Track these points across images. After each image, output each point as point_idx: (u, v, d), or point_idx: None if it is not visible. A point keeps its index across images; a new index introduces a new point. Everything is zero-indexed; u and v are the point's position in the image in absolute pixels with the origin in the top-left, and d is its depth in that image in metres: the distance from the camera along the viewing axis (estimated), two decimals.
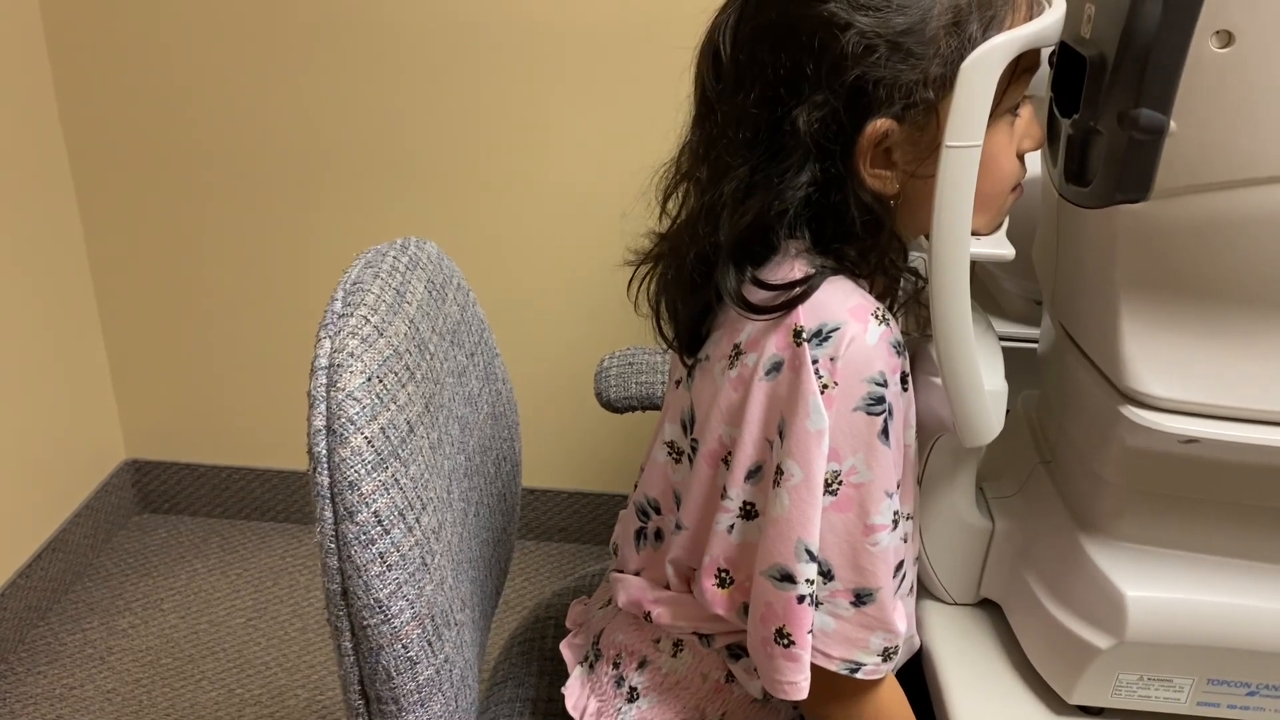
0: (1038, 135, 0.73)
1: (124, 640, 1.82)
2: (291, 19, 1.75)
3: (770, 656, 0.71)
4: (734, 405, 0.72)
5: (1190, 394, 0.67)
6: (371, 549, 0.66)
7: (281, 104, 1.81)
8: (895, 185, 0.69)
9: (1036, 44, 0.65)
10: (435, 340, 0.83)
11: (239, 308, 1.97)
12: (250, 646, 1.81)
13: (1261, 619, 0.72)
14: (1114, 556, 0.75)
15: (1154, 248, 0.65)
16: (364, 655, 0.69)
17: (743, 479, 0.72)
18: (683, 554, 0.79)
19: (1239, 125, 0.59)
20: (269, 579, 1.98)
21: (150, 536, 2.09)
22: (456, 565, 0.80)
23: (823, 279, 0.69)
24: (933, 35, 0.64)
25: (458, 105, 1.79)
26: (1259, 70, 0.57)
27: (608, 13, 1.71)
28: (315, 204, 1.88)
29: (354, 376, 0.68)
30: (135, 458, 2.12)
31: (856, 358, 0.67)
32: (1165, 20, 0.58)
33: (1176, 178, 0.62)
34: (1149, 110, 0.60)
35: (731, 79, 0.69)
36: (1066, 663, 0.76)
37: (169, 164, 1.86)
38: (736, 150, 0.68)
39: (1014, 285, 1.09)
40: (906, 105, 0.65)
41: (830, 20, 0.64)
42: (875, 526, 0.69)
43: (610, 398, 1.22)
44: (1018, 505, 0.85)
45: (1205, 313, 0.66)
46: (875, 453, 0.68)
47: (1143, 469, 0.73)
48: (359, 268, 0.79)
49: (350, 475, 0.66)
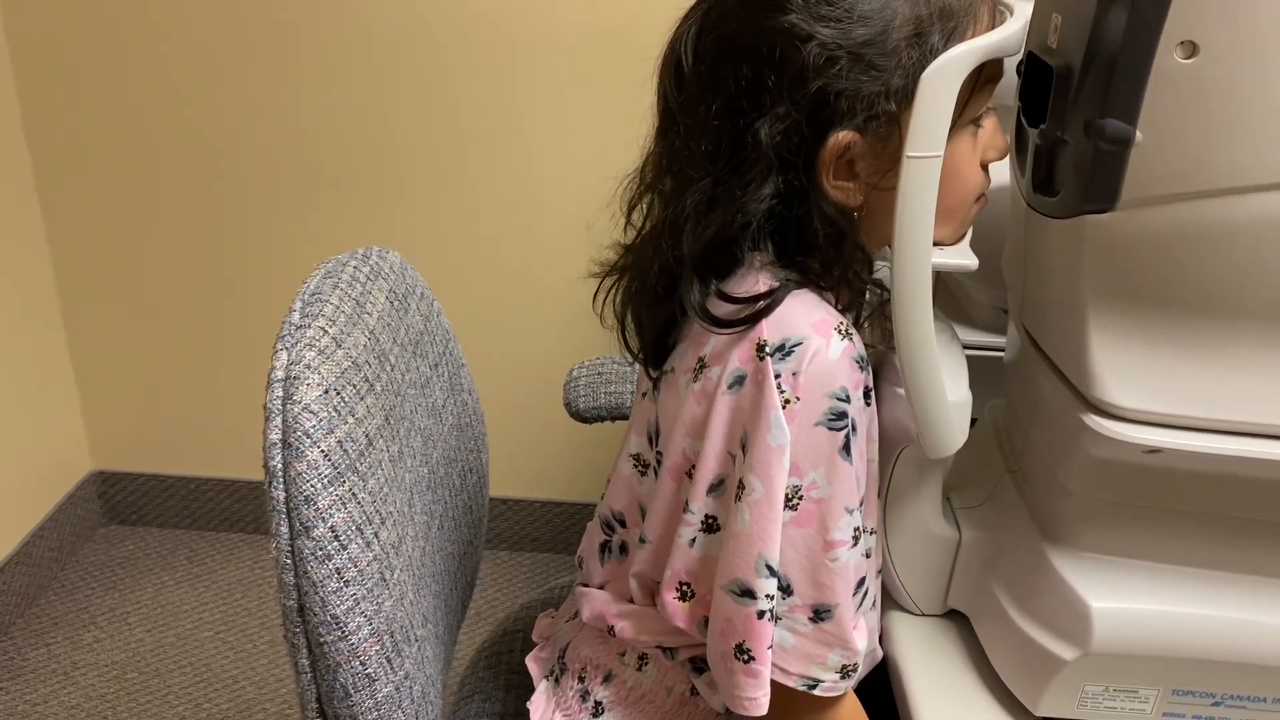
0: (1002, 146, 0.73)
1: (89, 655, 1.79)
2: (259, 30, 1.74)
3: (730, 672, 0.71)
4: (697, 419, 0.71)
5: (1156, 404, 0.67)
6: (328, 564, 0.65)
7: (248, 115, 1.79)
8: (858, 197, 0.69)
9: (997, 54, 0.65)
10: (396, 351, 0.82)
11: (205, 316, 1.95)
12: (218, 660, 1.79)
13: (1226, 629, 0.72)
14: (1079, 567, 0.75)
15: (1120, 258, 0.65)
16: (321, 673, 0.68)
17: (705, 492, 0.71)
18: (647, 568, 0.78)
19: (1204, 136, 0.59)
20: (238, 591, 1.96)
21: (117, 549, 2.06)
22: (418, 580, 0.79)
23: (787, 292, 0.69)
24: (894, 47, 0.64)
25: (427, 115, 1.78)
26: (1223, 81, 0.57)
27: (579, 23, 1.70)
28: (283, 214, 1.87)
29: (311, 389, 0.67)
30: (101, 469, 2.09)
31: (819, 373, 0.66)
32: (1130, 31, 0.58)
33: (1143, 188, 0.62)
34: (1115, 120, 0.60)
35: (693, 90, 0.69)
36: (1032, 674, 0.75)
37: (134, 174, 1.85)
38: (699, 162, 0.68)
39: (982, 294, 1.10)
40: (869, 117, 0.64)
41: (791, 32, 0.63)
42: (835, 542, 0.68)
43: (579, 408, 1.22)
44: (985, 515, 0.85)
45: (1171, 323, 0.66)
46: (836, 468, 0.67)
47: (1107, 479, 0.73)
48: (318, 278, 0.78)
49: (306, 490, 0.65)
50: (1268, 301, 0.63)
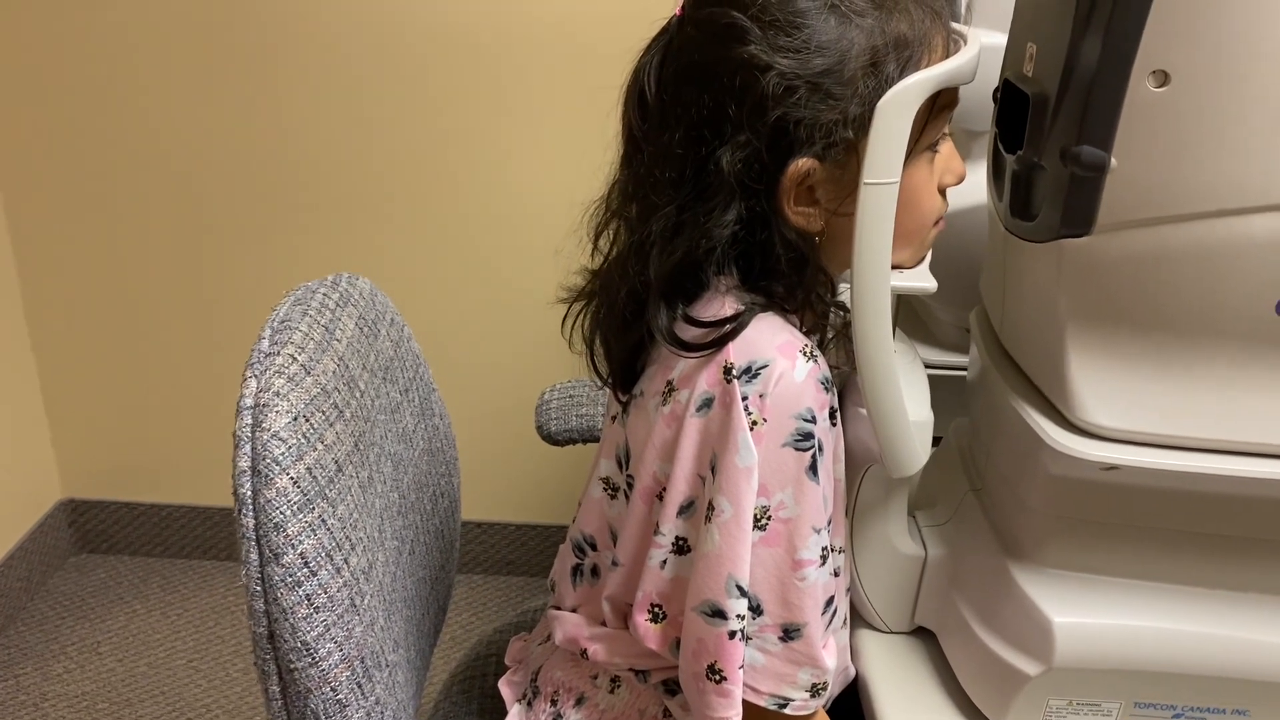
0: (959, 170, 0.74)
1: (59, 686, 1.77)
2: (230, 56, 1.74)
3: (702, 692, 0.71)
4: (667, 441, 0.72)
5: (1133, 423, 0.69)
6: (298, 591, 0.65)
7: (219, 141, 1.79)
8: (819, 222, 0.70)
9: (951, 82, 0.66)
10: (366, 377, 0.82)
11: (176, 343, 1.94)
12: (191, 689, 1.77)
13: (1186, 642, 0.73)
14: (1042, 583, 0.76)
15: (1097, 280, 0.67)
16: (292, 699, 0.68)
17: (675, 514, 0.72)
18: (619, 591, 0.79)
19: (1177, 162, 0.61)
20: (210, 619, 1.94)
21: (87, 577, 2.04)
22: (389, 605, 0.79)
23: (752, 315, 0.70)
24: (851, 76, 0.65)
25: (399, 142, 1.79)
26: (1193, 109, 0.59)
27: (547, 47, 1.72)
28: (254, 241, 1.86)
29: (280, 416, 0.67)
30: (72, 497, 2.07)
31: (785, 394, 0.67)
32: (1104, 61, 0.60)
33: (1118, 213, 0.63)
34: (1090, 147, 0.62)
35: (657, 119, 0.70)
36: (998, 689, 0.77)
37: (103, 200, 1.84)
38: (663, 189, 0.69)
39: (946, 314, 1.11)
40: (827, 144, 0.66)
41: (751, 62, 0.65)
42: (803, 561, 0.69)
43: (551, 430, 1.22)
44: (950, 533, 0.86)
45: (1147, 343, 0.67)
46: (804, 488, 0.68)
47: (1067, 496, 0.74)
48: (287, 305, 0.78)
49: (276, 517, 0.65)
50: (1238, 322, 0.64)
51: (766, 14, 0.65)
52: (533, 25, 1.71)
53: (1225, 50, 0.58)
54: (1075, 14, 0.61)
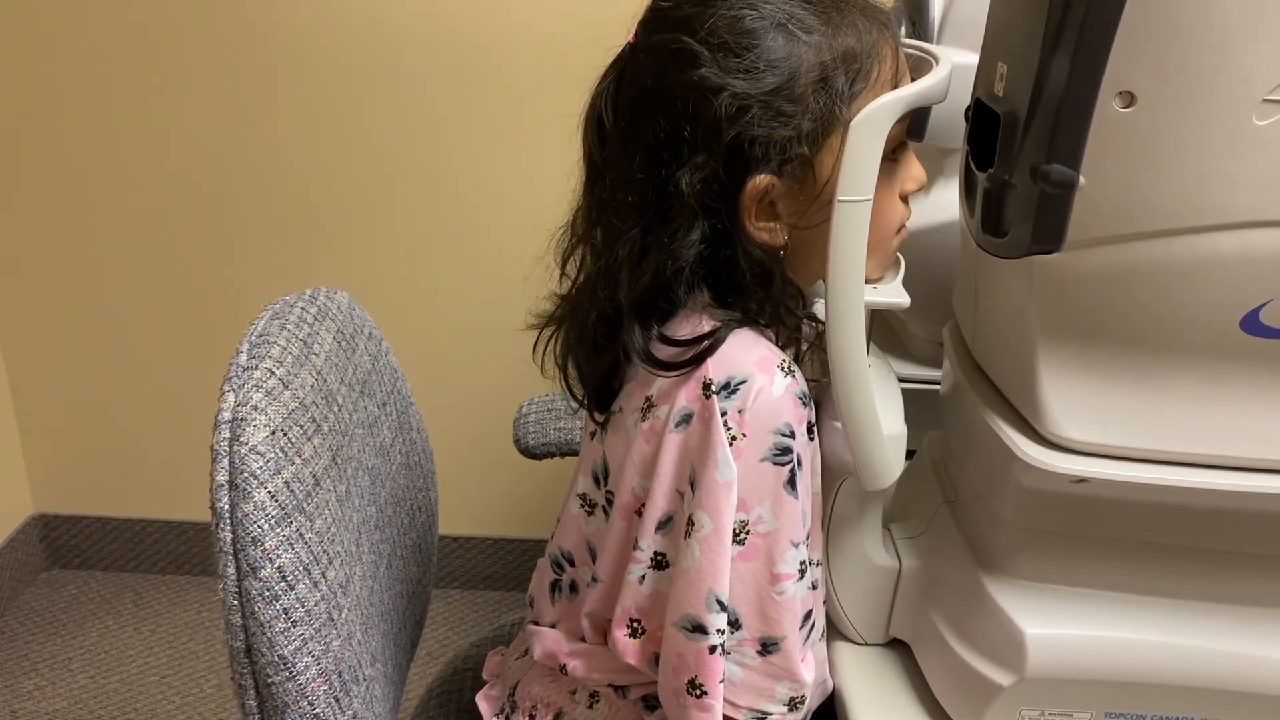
0: (919, 176, 0.75)
1: (29, 704, 1.75)
2: (202, 72, 1.74)
3: (683, 707, 0.71)
4: (646, 457, 0.73)
5: (1103, 436, 0.70)
6: (275, 605, 0.65)
7: (192, 153, 1.79)
8: (783, 237, 0.71)
9: (922, 103, 0.67)
10: (344, 391, 0.82)
11: (148, 356, 1.93)
12: (164, 705, 1.76)
13: (1156, 652, 0.74)
14: (1014, 595, 0.77)
15: (1067, 296, 0.68)
16: (269, 714, 0.68)
17: (654, 530, 0.72)
18: (599, 607, 0.79)
19: (1143, 181, 0.62)
20: (184, 634, 1.92)
21: (59, 593, 2.02)
22: (366, 619, 0.79)
23: (729, 332, 0.70)
24: (801, 93, 0.66)
25: (375, 156, 1.79)
26: (1158, 129, 0.60)
27: (524, 65, 1.73)
28: (230, 254, 1.86)
29: (257, 430, 0.67)
30: (43, 512, 2.05)
31: (763, 410, 0.68)
32: (1072, 81, 0.61)
33: (1087, 230, 0.64)
34: (1059, 166, 0.63)
35: (616, 145, 0.71)
36: (971, 700, 0.77)
37: (74, 214, 1.83)
38: (627, 213, 0.70)
39: (920, 329, 1.12)
40: (783, 161, 0.67)
41: (703, 85, 0.66)
42: (781, 575, 0.70)
43: (529, 444, 1.23)
44: (924, 545, 0.87)
45: (1116, 358, 0.68)
46: (782, 502, 0.69)
47: (1039, 508, 0.75)
48: (265, 319, 0.78)
49: (253, 531, 0.65)
50: (1205, 337, 0.65)
51: (715, 36, 0.66)
52: (515, 48, 1.72)
53: (1187, 74, 0.59)
54: (1045, 36, 0.62)
